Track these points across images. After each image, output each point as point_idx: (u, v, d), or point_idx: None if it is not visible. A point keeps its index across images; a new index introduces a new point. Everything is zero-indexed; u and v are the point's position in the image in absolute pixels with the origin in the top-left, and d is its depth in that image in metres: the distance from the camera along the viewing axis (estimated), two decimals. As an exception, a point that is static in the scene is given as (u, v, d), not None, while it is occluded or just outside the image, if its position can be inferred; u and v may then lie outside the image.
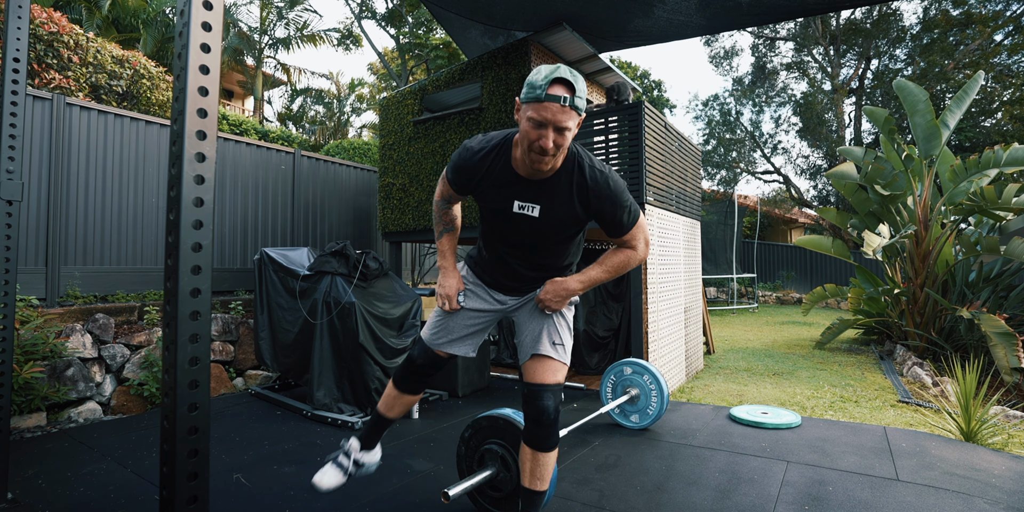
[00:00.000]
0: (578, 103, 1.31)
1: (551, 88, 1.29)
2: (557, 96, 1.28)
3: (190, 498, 1.00)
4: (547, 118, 1.30)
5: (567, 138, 1.35)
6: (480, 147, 1.53)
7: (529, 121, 1.33)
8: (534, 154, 1.36)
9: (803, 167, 16.37)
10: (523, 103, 1.36)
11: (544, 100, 1.29)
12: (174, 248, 1.00)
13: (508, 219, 1.56)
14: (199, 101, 1.02)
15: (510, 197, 1.52)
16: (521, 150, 1.43)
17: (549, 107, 1.29)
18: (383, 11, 14.89)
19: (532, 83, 1.32)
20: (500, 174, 1.52)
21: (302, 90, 17.37)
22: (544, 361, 1.65)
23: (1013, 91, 12.30)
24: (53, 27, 4.71)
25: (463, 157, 1.55)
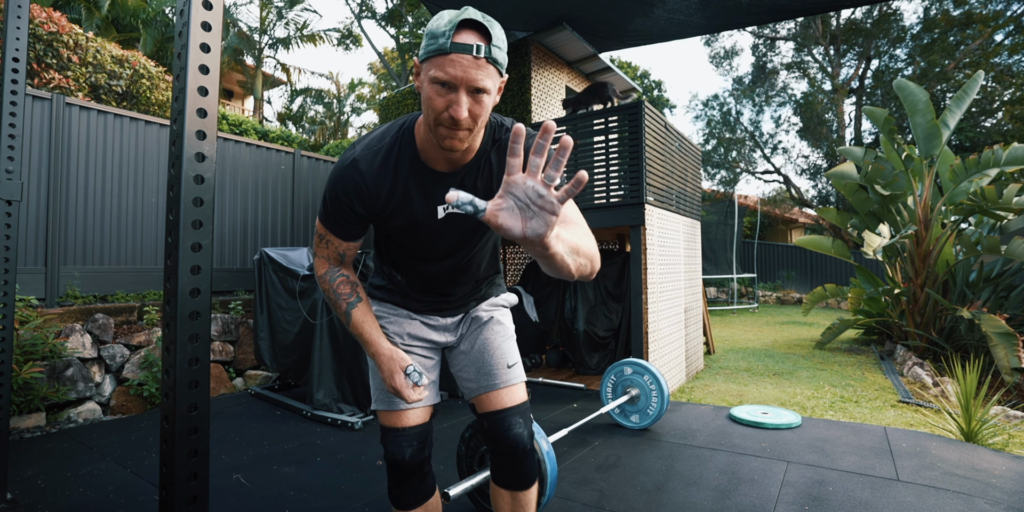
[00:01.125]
0: (497, 55, 0.95)
1: (458, 34, 0.94)
2: (468, 45, 0.93)
3: (190, 498, 0.99)
4: (456, 76, 0.93)
5: (485, 104, 0.99)
6: (372, 152, 1.12)
7: (433, 83, 0.96)
8: (443, 128, 0.99)
9: (803, 167, 16.39)
10: (422, 61, 0.99)
11: (451, 51, 0.93)
12: (174, 248, 1.00)
13: (432, 231, 1.19)
14: (199, 101, 1.02)
15: (430, 203, 1.15)
16: (425, 129, 1.07)
17: (458, 61, 0.93)
18: (383, 11, 14.89)
19: (433, 31, 0.96)
20: (411, 179, 1.12)
21: (302, 90, 17.37)
22: (501, 388, 1.33)
23: (1013, 91, 12.29)
24: (53, 27, 4.71)
25: (351, 177, 1.10)
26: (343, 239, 1.20)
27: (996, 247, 4.92)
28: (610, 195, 3.92)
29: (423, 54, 0.98)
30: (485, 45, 0.94)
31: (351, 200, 1.12)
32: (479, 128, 1.04)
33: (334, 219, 1.15)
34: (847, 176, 6.34)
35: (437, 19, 0.97)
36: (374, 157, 1.12)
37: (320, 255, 1.24)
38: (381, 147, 1.13)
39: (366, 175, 1.11)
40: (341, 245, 1.21)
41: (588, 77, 5.62)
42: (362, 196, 1.12)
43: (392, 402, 1.31)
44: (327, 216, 1.16)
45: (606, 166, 3.95)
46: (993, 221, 5.80)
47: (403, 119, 1.17)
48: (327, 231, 1.19)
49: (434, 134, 1.02)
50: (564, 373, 4.56)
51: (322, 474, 2.41)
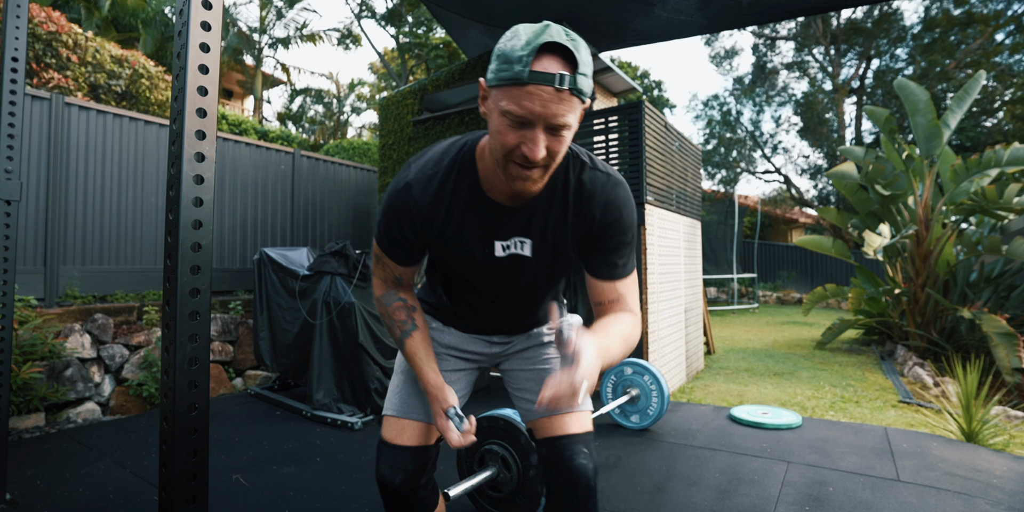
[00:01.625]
0: (582, 84, 0.81)
1: (538, 61, 0.78)
2: (549, 75, 0.77)
3: (189, 499, 0.99)
4: (534, 112, 0.79)
5: (565, 140, 0.86)
6: (427, 175, 1.00)
7: (504, 116, 0.82)
8: (514, 167, 0.87)
9: (803, 167, 16.39)
10: (492, 88, 0.84)
11: (528, 82, 0.78)
12: (173, 248, 1.00)
13: (486, 268, 1.07)
14: (198, 101, 1.02)
15: (487, 237, 1.03)
16: (492, 161, 0.93)
17: (536, 94, 0.78)
18: (383, 10, 14.88)
19: (507, 54, 0.80)
20: (467, 208, 1.01)
21: (302, 90, 17.36)
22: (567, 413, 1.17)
23: (1014, 91, 12.29)
24: (52, 26, 4.70)
25: (402, 202, 1.00)
26: (398, 263, 1.11)
27: (997, 247, 4.92)
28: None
29: (493, 79, 0.83)
30: (570, 74, 0.79)
31: (403, 226, 1.03)
32: (556, 163, 0.90)
33: (388, 243, 1.07)
34: (848, 176, 6.34)
35: (512, 38, 0.82)
36: (428, 182, 1.00)
37: (377, 276, 1.16)
38: (437, 171, 1.01)
39: (419, 202, 1.00)
40: (397, 269, 1.12)
41: (588, 77, 5.62)
42: (414, 223, 1.02)
43: (407, 409, 1.19)
44: (382, 238, 1.08)
45: (606, 166, 3.94)
46: (994, 221, 5.80)
47: (463, 139, 1.04)
48: (383, 253, 1.11)
49: (503, 170, 0.89)
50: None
51: (322, 474, 2.41)
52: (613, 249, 1.04)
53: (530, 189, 0.92)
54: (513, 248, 1.04)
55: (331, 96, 17.90)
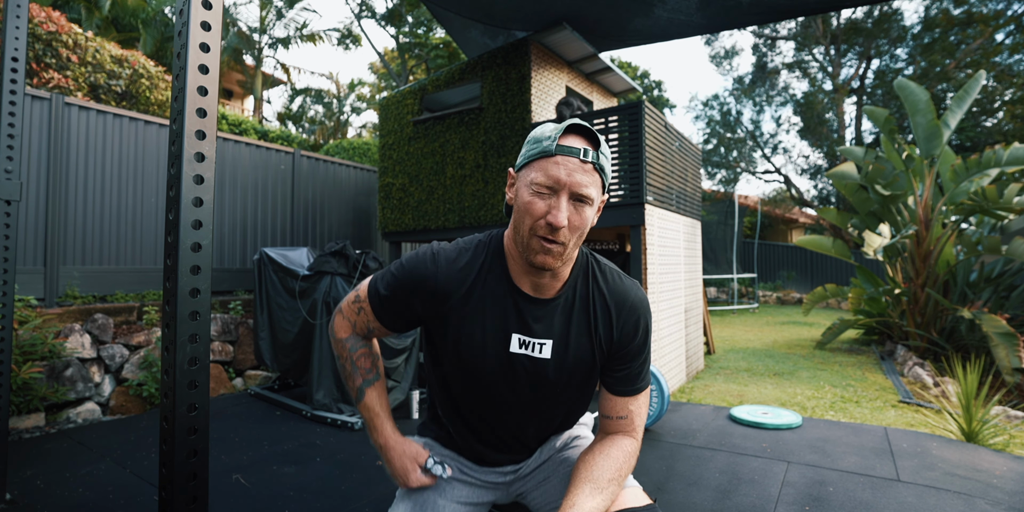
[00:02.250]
0: (603, 163, 0.89)
1: (565, 138, 0.88)
2: (575, 148, 0.86)
3: (189, 499, 0.99)
4: (560, 179, 0.86)
5: (587, 217, 0.89)
6: (456, 251, 1.01)
7: (532, 187, 0.88)
8: (536, 240, 0.88)
9: (803, 167, 16.39)
10: (520, 168, 0.93)
11: (556, 153, 0.87)
12: (173, 248, 1.00)
13: (498, 362, 0.98)
14: (198, 101, 1.01)
15: (506, 327, 0.98)
16: (517, 242, 0.93)
17: (563, 163, 0.86)
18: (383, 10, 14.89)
19: (536, 137, 0.91)
20: (492, 291, 0.98)
21: (302, 90, 17.36)
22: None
23: (1014, 91, 12.29)
24: (52, 26, 4.70)
25: (423, 269, 0.97)
26: (382, 324, 1.04)
27: (997, 247, 4.92)
28: (610, 195, 3.92)
29: (523, 160, 0.92)
30: (593, 150, 0.88)
31: (412, 294, 0.98)
32: (574, 247, 0.92)
33: (384, 301, 1.01)
34: (848, 176, 6.34)
35: (540, 128, 0.93)
36: (457, 257, 1.00)
37: (346, 317, 1.07)
38: (467, 249, 1.01)
39: (442, 272, 0.97)
40: (374, 323, 1.05)
41: (588, 77, 5.62)
42: (426, 293, 0.98)
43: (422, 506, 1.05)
44: (379, 293, 1.01)
45: (606, 166, 3.94)
46: (994, 221, 5.80)
47: (487, 233, 1.06)
48: (370, 305, 1.02)
49: (525, 248, 0.90)
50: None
51: (322, 474, 2.41)
52: (634, 363, 1.02)
53: (551, 264, 0.90)
54: (530, 350, 0.98)
55: (331, 96, 17.90)
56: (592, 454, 0.98)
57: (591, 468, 0.94)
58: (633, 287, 1.04)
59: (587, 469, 0.94)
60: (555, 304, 0.99)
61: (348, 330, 1.08)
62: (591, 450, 1.00)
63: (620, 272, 1.07)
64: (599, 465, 0.95)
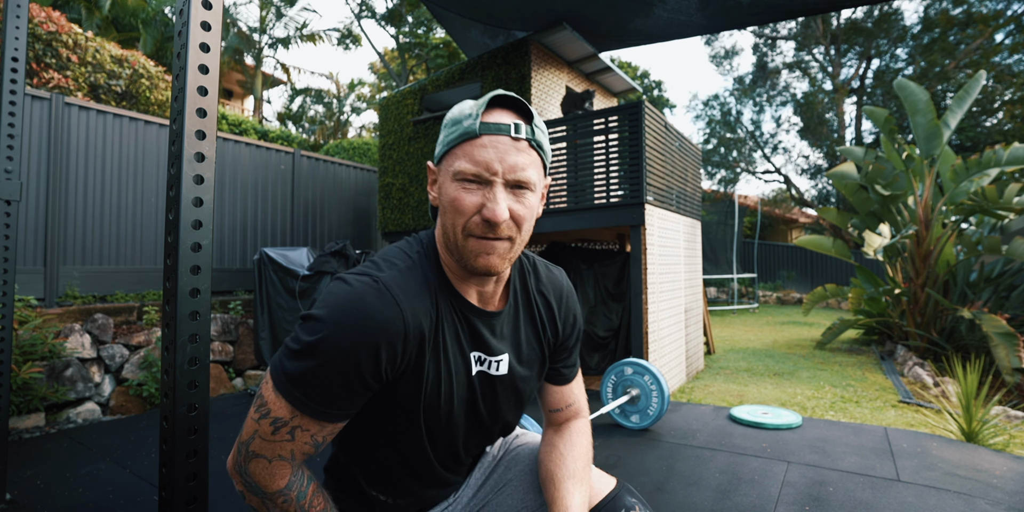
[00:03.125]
0: (540, 139, 0.74)
1: (488, 114, 0.72)
2: (503, 124, 0.71)
3: (189, 499, 0.99)
4: (491, 165, 0.70)
5: (530, 204, 0.74)
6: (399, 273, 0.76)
7: (457, 180, 0.72)
8: (473, 241, 0.73)
9: (803, 167, 16.41)
10: (441, 159, 0.77)
11: (481, 133, 0.71)
12: (173, 248, 1.00)
13: (454, 398, 0.81)
14: (198, 101, 1.01)
15: (463, 351, 0.81)
16: (449, 247, 0.77)
17: (491, 144, 0.70)
18: (383, 10, 14.89)
19: (454, 118, 0.75)
20: (445, 315, 0.79)
21: (302, 90, 17.36)
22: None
23: (1014, 91, 12.30)
24: (52, 26, 4.70)
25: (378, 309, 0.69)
26: (329, 420, 0.71)
27: (997, 247, 4.92)
28: (610, 195, 3.92)
29: (442, 148, 0.75)
30: (526, 124, 0.73)
31: (376, 353, 0.69)
32: (521, 244, 0.76)
33: (327, 389, 0.68)
34: (848, 176, 6.34)
35: (458, 106, 0.76)
36: (406, 281, 0.75)
37: (272, 453, 0.71)
38: (411, 268, 0.77)
39: (406, 309, 0.72)
40: (323, 430, 0.72)
41: (588, 77, 5.62)
42: (395, 345, 0.70)
43: None
44: (310, 385, 0.68)
45: (606, 166, 3.95)
46: (994, 221, 5.80)
47: (413, 237, 0.86)
48: (300, 412, 0.69)
49: (460, 251, 0.74)
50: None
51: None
52: (574, 351, 0.99)
53: (496, 267, 0.74)
54: (490, 367, 0.84)
55: (331, 96, 17.90)
56: (559, 449, 0.94)
57: (566, 463, 0.91)
58: (560, 274, 0.97)
59: (562, 465, 0.90)
60: (504, 314, 0.86)
61: (284, 473, 0.73)
62: (554, 445, 0.95)
63: (543, 260, 0.98)
64: (571, 458, 0.92)
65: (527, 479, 0.99)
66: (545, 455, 0.94)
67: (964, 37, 12.62)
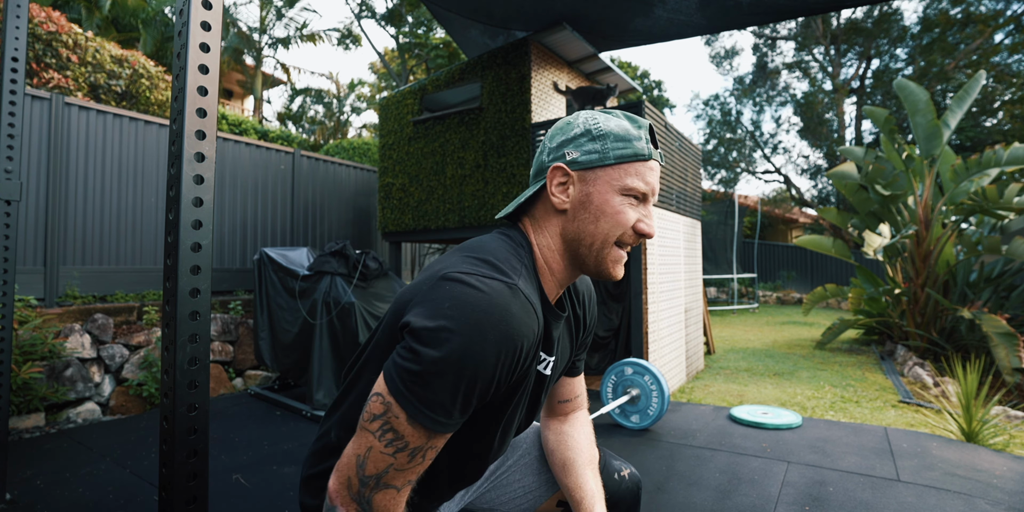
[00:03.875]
0: None
1: (651, 141, 0.82)
2: (659, 152, 0.83)
3: (189, 499, 0.99)
4: (653, 186, 0.80)
5: None
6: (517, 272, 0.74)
7: (624, 195, 0.78)
8: (616, 251, 0.80)
9: (803, 167, 16.41)
10: (593, 167, 0.79)
11: (650, 158, 0.79)
12: (173, 248, 1.00)
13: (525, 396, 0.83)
14: (198, 101, 1.01)
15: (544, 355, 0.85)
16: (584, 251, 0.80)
17: (656, 169, 0.81)
18: (383, 10, 14.89)
19: (620, 134, 0.78)
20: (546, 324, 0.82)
21: (302, 90, 17.36)
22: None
23: (1014, 91, 12.30)
24: (52, 26, 4.70)
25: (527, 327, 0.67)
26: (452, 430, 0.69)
27: (997, 247, 4.92)
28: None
29: (606, 159, 0.78)
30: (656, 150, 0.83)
31: (515, 364, 0.68)
32: None
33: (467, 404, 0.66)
34: (848, 176, 6.34)
35: (607, 119, 0.81)
36: (530, 283, 0.76)
37: (401, 484, 0.68)
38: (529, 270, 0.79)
39: (541, 319, 0.73)
40: (444, 440, 0.69)
41: (588, 77, 5.62)
42: (531, 353, 0.71)
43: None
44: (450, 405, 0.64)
45: (606, 166, 3.94)
46: (994, 221, 5.80)
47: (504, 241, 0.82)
48: (437, 432, 0.66)
49: (600, 257, 0.79)
50: (564, 373, 4.55)
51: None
52: (588, 345, 1.03)
53: (622, 274, 0.83)
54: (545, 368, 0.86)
55: (331, 96, 17.90)
56: (573, 437, 1.02)
57: (582, 451, 1.00)
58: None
59: (580, 453, 0.99)
60: (564, 317, 0.87)
61: (405, 497, 0.70)
62: (568, 434, 1.02)
63: None
64: (585, 445, 1.01)
65: (523, 462, 1.07)
66: (559, 444, 1.02)
67: (963, 37, 12.63)
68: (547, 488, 1.05)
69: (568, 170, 0.80)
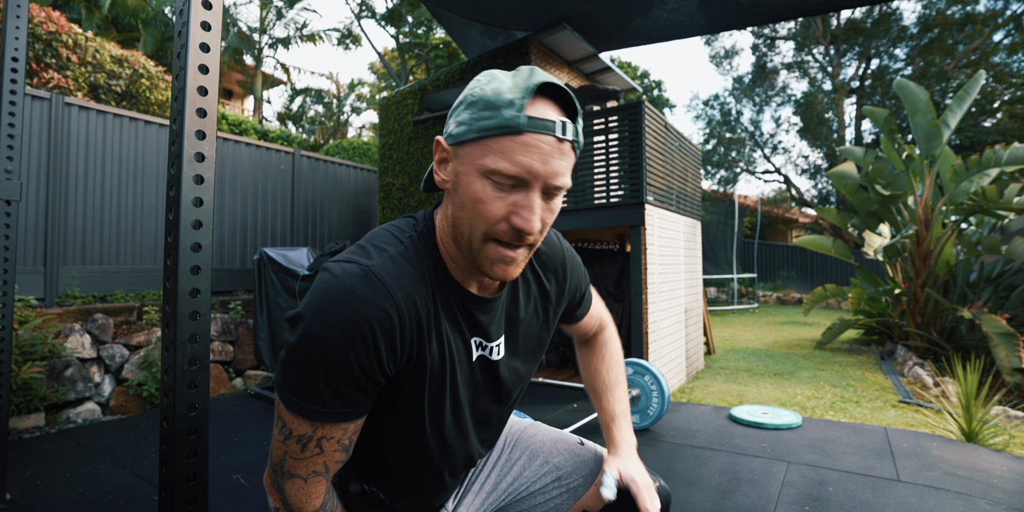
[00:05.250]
0: (580, 137, 0.67)
1: (534, 105, 0.63)
2: (550, 122, 0.62)
3: (189, 499, 0.99)
4: (533, 169, 0.62)
5: (557, 208, 0.68)
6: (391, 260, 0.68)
7: (489, 178, 0.63)
8: (493, 248, 0.67)
9: (803, 167, 16.41)
10: (464, 144, 0.65)
11: (525, 130, 0.61)
12: (173, 248, 1.00)
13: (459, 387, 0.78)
14: (198, 101, 1.01)
15: (465, 341, 0.77)
16: (460, 245, 0.70)
17: (536, 145, 0.62)
18: (383, 10, 14.89)
19: (489, 99, 0.63)
20: (442, 305, 0.73)
21: (302, 90, 17.36)
22: None
23: (1013, 91, 12.30)
24: (52, 26, 4.70)
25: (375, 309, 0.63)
26: (349, 420, 0.67)
27: (997, 247, 4.92)
28: (610, 195, 3.92)
29: (468, 130, 0.64)
30: (571, 122, 0.65)
31: (374, 348, 0.64)
32: (538, 244, 0.71)
33: (335, 391, 0.64)
34: (848, 176, 6.34)
35: (489, 81, 0.65)
36: (399, 270, 0.67)
37: (305, 473, 0.68)
38: (401, 252, 0.70)
39: (399, 299, 0.65)
40: (347, 431, 0.68)
41: (588, 77, 5.62)
42: (392, 339, 0.65)
43: None
44: (316, 392, 0.63)
45: (606, 166, 3.95)
46: (994, 221, 5.80)
47: (410, 219, 0.78)
48: (320, 422, 0.65)
49: (476, 255, 0.68)
50: (564, 373, 4.55)
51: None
52: (580, 303, 0.99)
53: (512, 275, 0.69)
54: (490, 353, 0.80)
55: (331, 96, 17.90)
56: (593, 365, 1.08)
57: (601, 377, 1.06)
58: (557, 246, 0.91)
59: (598, 379, 1.06)
60: (501, 298, 0.80)
61: (320, 489, 0.70)
62: (589, 361, 1.08)
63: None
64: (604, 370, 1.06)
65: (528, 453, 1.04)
66: (585, 373, 1.09)
67: (963, 37, 12.63)
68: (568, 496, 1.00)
69: (444, 144, 0.69)
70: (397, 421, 0.76)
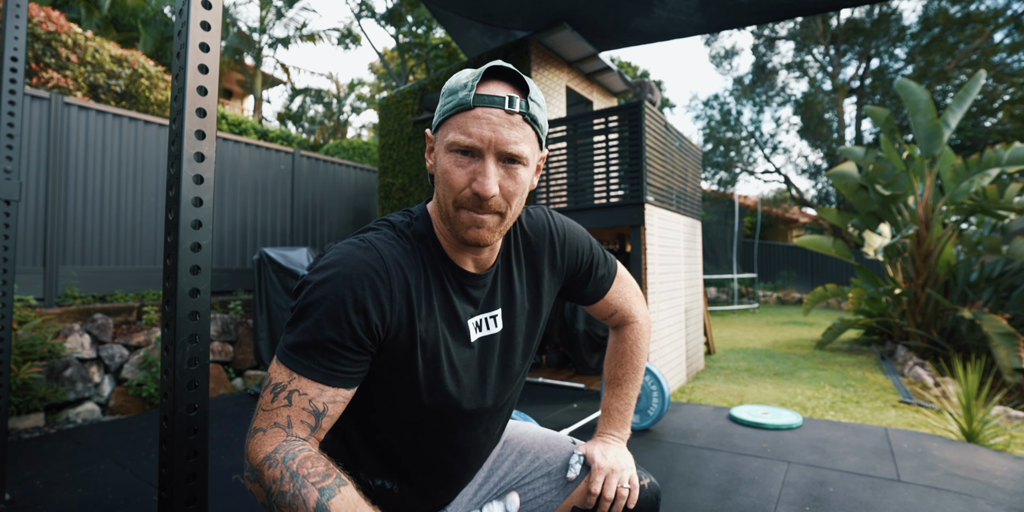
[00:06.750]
0: (536, 113, 0.74)
1: (484, 85, 0.72)
2: (498, 97, 0.71)
3: (189, 499, 0.99)
4: (482, 136, 0.70)
5: (521, 179, 0.74)
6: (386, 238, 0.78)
7: (451, 152, 0.73)
8: (465, 213, 0.74)
9: (803, 167, 16.41)
10: (438, 129, 0.77)
11: (475, 105, 0.71)
12: (173, 248, 0.99)
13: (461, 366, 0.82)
14: (198, 100, 1.01)
15: (461, 318, 0.83)
16: (443, 218, 0.78)
17: (484, 117, 0.70)
18: (383, 10, 14.88)
19: (450, 88, 0.75)
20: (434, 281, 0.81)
21: (301, 89, 17.36)
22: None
23: (1014, 90, 12.30)
24: (51, 26, 4.70)
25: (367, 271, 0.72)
26: (328, 383, 0.70)
27: (997, 247, 4.92)
28: (610, 195, 3.92)
29: (438, 117, 0.76)
30: (520, 97, 0.72)
31: (364, 308, 0.70)
32: (513, 217, 0.78)
33: (319, 345, 0.69)
34: (848, 176, 6.34)
35: (456, 77, 0.76)
36: (389, 244, 0.77)
37: (267, 426, 0.68)
38: (399, 233, 0.81)
39: (388, 263, 0.74)
40: (322, 395, 0.70)
41: (588, 77, 5.62)
42: (379, 294, 0.72)
43: None
44: (304, 345, 0.69)
45: (606, 166, 3.95)
46: (994, 221, 5.80)
47: (403, 212, 0.88)
48: (297, 373, 0.69)
49: (453, 223, 0.76)
50: (564, 373, 4.55)
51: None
52: (588, 271, 1.00)
53: (486, 240, 0.76)
54: (487, 328, 0.86)
55: (331, 96, 17.90)
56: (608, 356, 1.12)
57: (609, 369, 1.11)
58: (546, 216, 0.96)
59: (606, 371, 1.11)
60: (496, 272, 0.88)
61: (275, 438, 0.67)
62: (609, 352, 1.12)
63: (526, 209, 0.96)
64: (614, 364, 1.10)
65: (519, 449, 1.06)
66: (606, 360, 1.14)
67: (963, 37, 12.63)
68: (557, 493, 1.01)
69: (429, 135, 0.81)
70: (396, 403, 0.81)
